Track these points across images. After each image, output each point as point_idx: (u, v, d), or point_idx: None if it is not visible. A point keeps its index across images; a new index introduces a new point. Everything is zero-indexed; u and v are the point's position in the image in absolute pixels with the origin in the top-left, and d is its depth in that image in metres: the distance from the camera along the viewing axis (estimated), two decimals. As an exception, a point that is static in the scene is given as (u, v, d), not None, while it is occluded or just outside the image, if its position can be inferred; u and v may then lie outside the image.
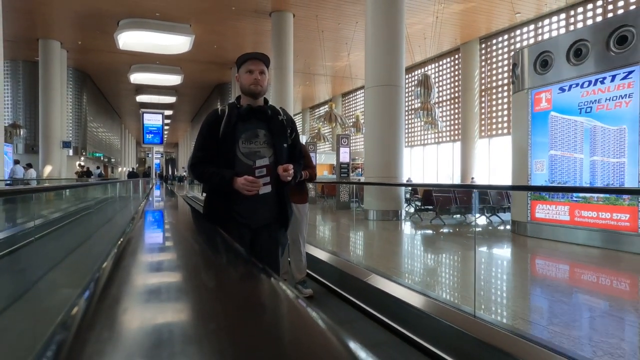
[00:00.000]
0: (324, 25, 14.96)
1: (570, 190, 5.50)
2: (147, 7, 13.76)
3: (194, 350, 0.39)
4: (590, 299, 3.44)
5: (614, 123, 5.11)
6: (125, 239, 1.23)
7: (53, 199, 6.01)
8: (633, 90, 4.88)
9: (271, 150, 1.99)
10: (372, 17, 8.34)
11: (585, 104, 5.41)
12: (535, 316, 2.87)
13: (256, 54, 2.02)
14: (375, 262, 4.41)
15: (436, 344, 2.37)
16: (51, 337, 0.42)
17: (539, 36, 14.58)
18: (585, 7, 13.15)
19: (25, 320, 2.42)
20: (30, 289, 2.79)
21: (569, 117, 5.60)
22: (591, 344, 2.27)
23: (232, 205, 1.96)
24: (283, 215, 2.07)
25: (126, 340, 0.44)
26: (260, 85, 1.98)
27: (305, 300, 0.57)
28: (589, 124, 5.38)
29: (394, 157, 8.25)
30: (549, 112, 5.87)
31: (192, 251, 1.22)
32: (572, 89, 5.56)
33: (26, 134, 18.67)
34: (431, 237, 6.94)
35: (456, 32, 15.96)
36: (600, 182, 5.27)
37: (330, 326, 0.45)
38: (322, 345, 0.44)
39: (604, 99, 5.19)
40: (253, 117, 1.99)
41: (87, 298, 0.59)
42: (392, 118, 8.25)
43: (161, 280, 0.77)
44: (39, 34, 16.55)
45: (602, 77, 5.20)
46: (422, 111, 12.81)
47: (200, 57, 18.34)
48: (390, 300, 2.89)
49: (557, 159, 5.78)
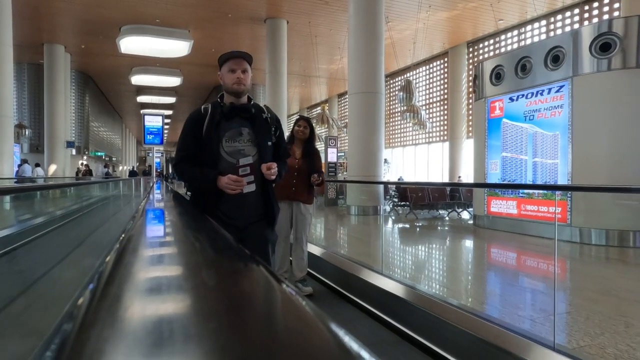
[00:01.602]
0: (317, 31, 15.87)
1: (515, 187, 6.42)
2: (147, 14, 14.68)
3: (195, 348, 0.40)
4: (524, 277, 4.37)
5: (550, 129, 6.02)
6: (127, 236, 1.26)
7: (64, 196, 6.92)
8: (564, 102, 5.80)
9: (255, 148, 2.01)
10: (353, 30, 9.25)
11: (529, 113, 6.33)
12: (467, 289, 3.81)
13: (238, 53, 2.04)
14: (349, 251, 5.34)
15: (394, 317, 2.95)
16: (59, 325, 0.46)
17: (522, 41, 15.46)
18: (564, 14, 14.04)
19: (40, 304, 2.64)
20: (47, 272, 3.08)
21: (517, 124, 6.52)
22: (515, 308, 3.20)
23: (217, 205, 1.98)
24: (269, 213, 2.08)
25: (128, 331, 0.46)
26: (243, 84, 1.99)
27: (305, 298, 0.57)
28: (532, 129, 6.29)
29: (374, 158, 9.17)
30: (501, 119, 6.79)
31: (193, 248, 1.23)
32: (519, 99, 6.47)
33: (31, 134, 19.69)
34: (402, 230, 7.87)
35: (444, 37, 16.85)
36: (540, 180, 6.19)
37: (330, 326, 0.45)
38: (322, 344, 0.45)
39: (543, 108, 6.11)
40: (236, 116, 2.00)
41: (91, 289, 0.62)
42: (372, 122, 9.17)
43: (162, 277, 0.79)
44: (44, 39, 17.50)
45: (542, 89, 6.12)
46: (409, 113, 13.74)
47: (199, 60, 19.25)
48: (367, 285, 3.41)
49: (508, 160, 6.70)
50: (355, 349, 0.39)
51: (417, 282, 3.62)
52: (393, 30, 15.42)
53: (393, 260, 4.67)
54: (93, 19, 15.10)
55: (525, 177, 6.40)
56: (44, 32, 16.75)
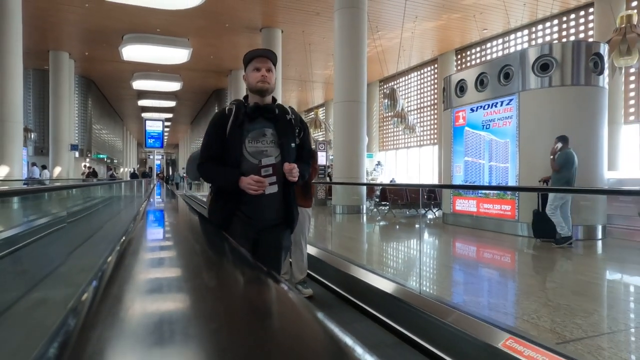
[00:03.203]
0: (310, 39, 16.84)
1: (473, 188, 7.36)
2: (149, 24, 15.68)
3: (196, 349, 0.41)
4: (476, 264, 5.31)
5: (502, 137, 6.96)
6: (127, 239, 1.25)
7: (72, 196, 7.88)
8: (513, 114, 6.74)
9: (278, 149, 2.00)
10: (338, 44, 10.22)
11: (486, 122, 7.26)
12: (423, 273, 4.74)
13: (262, 51, 2.05)
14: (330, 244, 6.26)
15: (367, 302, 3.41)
16: (65, 319, 0.48)
17: (507, 49, 16.40)
18: (544, 24, 14.98)
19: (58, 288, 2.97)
20: (63, 263, 3.38)
21: (476, 132, 7.46)
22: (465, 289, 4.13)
23: (238, 205, 1.98)
24: (289, 216, 2.08)
25: (131, 325, 0.48)
26: (268, 83, 2.01)
27: (305, 300, 0.58)
28: (488, 137, 7.23)
29: (356, 161, 10.12)
30: (464, 127, 7.73)
31: (193, 251, 1.23)
32: (478, 110, 7.41)
33: (36, 137, 20.73)
34: (379, 226, 8.82)
35: (433, 44, 17.81)
36: (495, 182, 7.12)
37: (331, 326, 0.46)
38: (322, 346, 0.45)
39: (497, 118, 7.05)
40: (260, 116, 2.01)
41: (94, 287, 0.65)
42: (355, 128, 10.13)
43: (163, 279, 0.80)
44: (50, 46, 18.52)
45: (495, 102, 7.06)
46: (397, 118, 14.71)
47: (198, 66, 20.25)
48: (347, 277, 3.86)
49: (469, 164, 7.64)
50: (355, 349, 0.40)
51: (377, 267, 4.56)
52: (383, 39, 16.40)
53: (362, 250, 5.62)
54: (97, 28, 16.11)
55: (483, 179, 7.33)
56: (49, 40, 17.77)
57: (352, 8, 10.04)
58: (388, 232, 8.39)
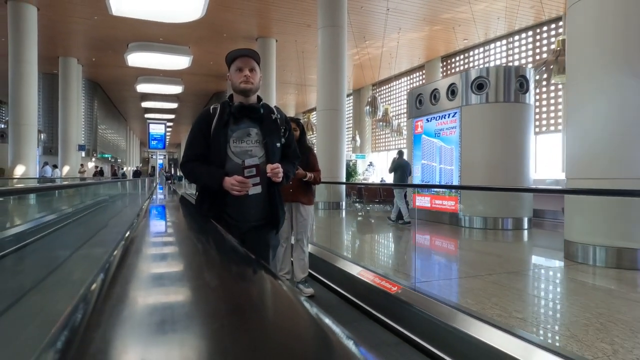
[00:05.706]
0: (303, 47, 18.33)
1: (428, 187, 8.82)
2: (152, 34, 17.25)
3: (197, 345, 0.43)
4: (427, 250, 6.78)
5: (449, 144, 8.41)
6: (130, 235, 1.35)
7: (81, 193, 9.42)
8: (456, 124, 8.19)
9: (263, 149, 2.01)
10: (321, 58, 11.70)
11: (437, 131, 8.72)
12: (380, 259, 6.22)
13: (245, 51, 2.08)
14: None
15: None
16: (74, 309, 0.51)
17: (486, 57, 17.81)
18: (520, 35, 16.39)
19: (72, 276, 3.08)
20: (70, 256, 3.59)
21: (431, 139, 8.92)
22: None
23: (222, 206, 1.99)
24: (274, 216, 2.08)
25: (136, 318, 0.51)
26: (251, 83, 2.01)
27: (307, 299, 0.58)
28: (439, 144, 8.68)
29: (337, 163, 11.59)
30: (421, 135, 9.18)
31: (195, 250, 1.29)
32: (432, 120, 8.87)
33: (45, 137, 22.36)
34: (352, 220, 10.30)
35: (419, 52, 19.25)
36: (443, 181, 8.57)
37: (331, 326, 0.47)
38: (324, 345, 0.46)
39: (445, 128, 8.50)
40: (245, 116, 2.02)
41: (101, 280, 0.68)
42: (335, 133, 11.60)
43: (165, 277, 0.83)
44: (60, 53, 20.14)
45: (444, 114, 8.51)
46: (382, 123, 16.21)
47: (199, 71, 21.80)
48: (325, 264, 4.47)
49: (425, 166, 9.09)
50: (355, 350, 0.42)
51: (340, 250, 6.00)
52: (371, 47, 17.89)
53: (332, 238, 7.12)
54: (104, 37, 17.69)
55: (434, 179, 8.78)
56: (60, 47, 19.38)
57: (333, 27, 11.51)
58: (360, 225, 9.86)
